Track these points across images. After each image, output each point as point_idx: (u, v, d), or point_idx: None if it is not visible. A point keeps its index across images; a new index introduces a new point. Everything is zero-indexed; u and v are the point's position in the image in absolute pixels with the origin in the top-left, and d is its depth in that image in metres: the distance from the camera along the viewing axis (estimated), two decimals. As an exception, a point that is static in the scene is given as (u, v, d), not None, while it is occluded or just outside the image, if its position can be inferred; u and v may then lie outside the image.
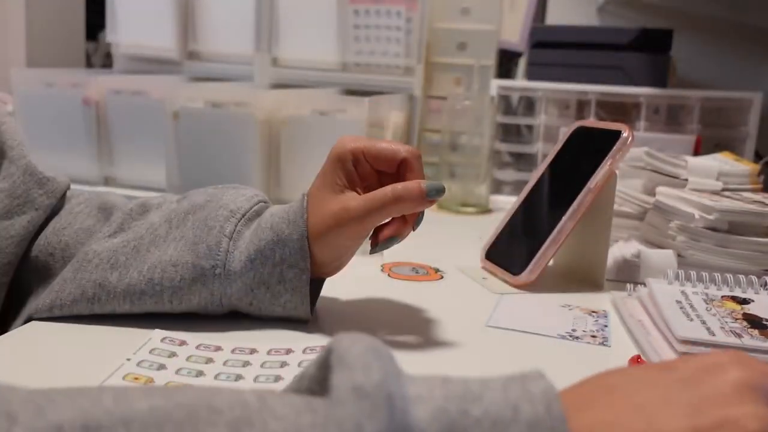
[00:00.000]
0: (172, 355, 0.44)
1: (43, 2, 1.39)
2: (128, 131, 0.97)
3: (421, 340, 0.50)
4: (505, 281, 0.65)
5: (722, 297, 0.55)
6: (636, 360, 0.45)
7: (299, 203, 0.50)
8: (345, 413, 0.22)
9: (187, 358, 0.43)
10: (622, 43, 1.06)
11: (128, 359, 0.43)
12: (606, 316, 0.57)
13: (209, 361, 0.43)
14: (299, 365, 0.43)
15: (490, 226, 0.73)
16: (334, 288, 0.62)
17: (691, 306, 0.52)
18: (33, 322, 0.48)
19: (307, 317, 0.50)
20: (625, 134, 0.63)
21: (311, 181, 0.91)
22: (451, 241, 0.83)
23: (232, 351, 0.45)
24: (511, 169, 1.14)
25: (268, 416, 0.23)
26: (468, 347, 0.49)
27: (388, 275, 0.65)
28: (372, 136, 0.92)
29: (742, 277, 0.58)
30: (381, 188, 0.48)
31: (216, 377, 0.42)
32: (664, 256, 0.64)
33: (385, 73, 1.08)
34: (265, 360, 0.44)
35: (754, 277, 0.58)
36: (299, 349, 0.46)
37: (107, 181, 1.00)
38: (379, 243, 0.52)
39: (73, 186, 0.58)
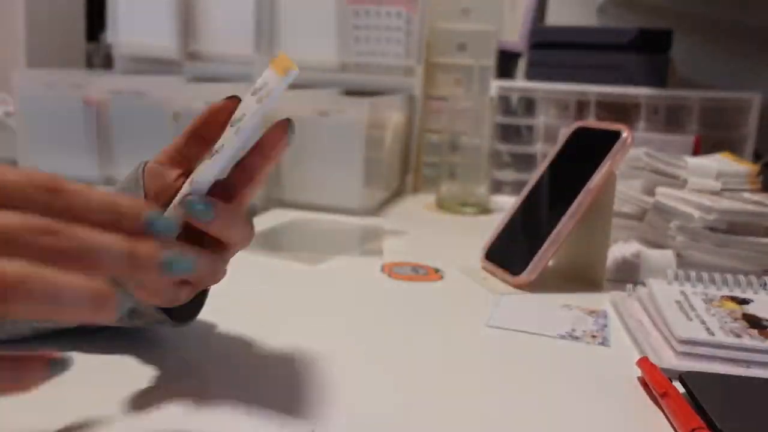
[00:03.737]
0: None
1: (43, 3, 1.39)
2: (129, 132, 0.97)
3: (422, 341, 0.50)
4: (505, 281, 0.65)
5: (722, 297, 0.55)
6: (643, 363, 0.45)
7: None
8: None
9: None
10: (621, 43, 1.07)
11: None
12: (606, 316, 0.57)
13: None
14: None
15: (490, 227, 0.73)
16: (334, 288, 0.62)
17: (691, 306, 0.52)
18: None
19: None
20: (624, 135, 0.63)
21: (311, 182, 0.91)
22: (451, 241, 0.83)
23: None
24: (510, 169, 1.14)
25: None
26: (468, 347, 0.49)
27: (388, 275, 0.66)
28: (372, 137, 0.92)
29: (741, 277, 0.58)
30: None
31: None
32: (664, 257, 0.64)
33: (386, 73, 1.08)
34: None
35: (753, 277, 0.58)
36: None
37: (108, 182, 1.00)
38: None
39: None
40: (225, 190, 0.39)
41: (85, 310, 0.28)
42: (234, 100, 0.42)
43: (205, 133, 0.42)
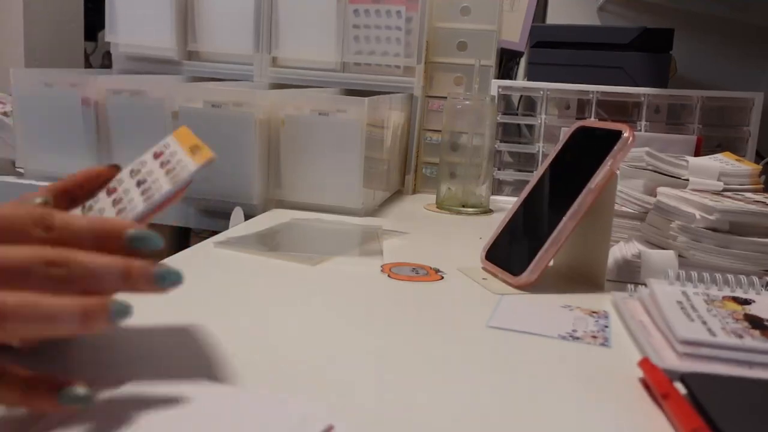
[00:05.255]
0: None
1: (42, 2, 1.39)
2: (127, 131, 0.97)
3: (422, 341, 0.50)
4: (506, 282, 0.64)
5: (723, 297, 0.55)
6: (644, 363, 0.45)
7: None
8: None
9: None
10: (622, 42, 1.06)
11: None
12: (607, 317, 0.57)
13: None
14: None
15: (491, 227, 0.73)
16: (333, 288, 0.61)
17: (692, 306, 0.52)
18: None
19: None
20: (625, 134, 0.63)
21: (311, 182, 0.91)
22: (451, 242, 0.82)
23: None
24: (511, 169, 1.13)
25: None
26: (468, 347, 0.49)
27: (388, 276, 0.65)
28: (372, 137, 0.92)
29: (743, 277, 0.58)
30: None
31: None
32: (665, 257, 0.64)
33: (385, 73, 1.08)
34: None
35: (755, 278, 0.58)
36: None
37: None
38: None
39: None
40: None
41: (78, 326, 0.33)
42: (113, 170, 0.47)
43: (76, 193, 0.45)
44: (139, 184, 0.44)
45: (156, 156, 0.46)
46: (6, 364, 0.34)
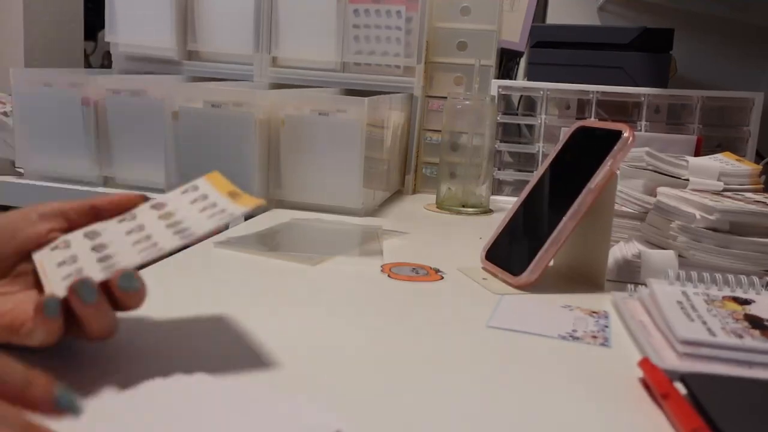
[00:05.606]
0: None
1: (42, 2, 1.39)
2: (127, 131, 0.97)
3: (422, 341, 0.50)
4: (506, 282, 0.64)
5: (723, 297, 0.55)
6: (644, 364, 0.45)
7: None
8: None
9: None
10: (622, 42, 1.06)
11: None
12: (607, 317, 0.57)
13: None
14: None
15: (491, 227, 0.73)
16: (333, 288, 0.61)
17: (692, 306, 0.52)
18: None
19: None
20: (625, 134, 0.63)
21: (311, 182, 0.91)
22: (451, 242, 0.82)
23: None
24: (511, 169, 1.13)
25: None
26: (468, 347, 0.49)
27: (388, 276, 0.65)
28: (372, 137, 0.92)
29: (743, 277, 0.58)
30: None
31: None
32: (665, 257, 0.64)
33: (385, 72, 1.08)
34: None
35: (755, 278, 0.58)
36: None
37: (106, 182, 1.00)
38: None
39: (71, 186, 0.58)
40: None
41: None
42: (141, 198, 0.49)
43: (104, 213, 0.48)
44: (169, 225, 0.45)
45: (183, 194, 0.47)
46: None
